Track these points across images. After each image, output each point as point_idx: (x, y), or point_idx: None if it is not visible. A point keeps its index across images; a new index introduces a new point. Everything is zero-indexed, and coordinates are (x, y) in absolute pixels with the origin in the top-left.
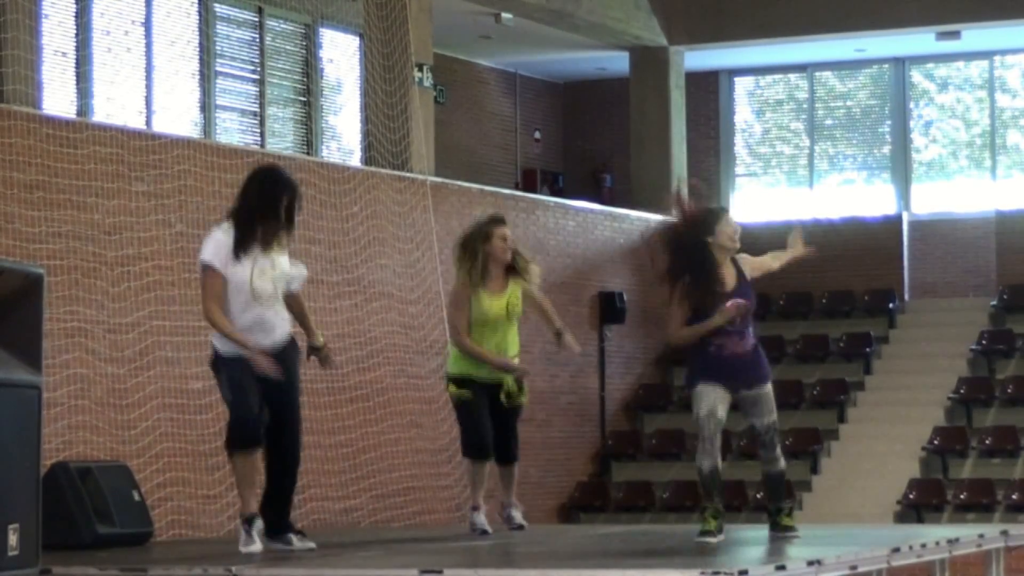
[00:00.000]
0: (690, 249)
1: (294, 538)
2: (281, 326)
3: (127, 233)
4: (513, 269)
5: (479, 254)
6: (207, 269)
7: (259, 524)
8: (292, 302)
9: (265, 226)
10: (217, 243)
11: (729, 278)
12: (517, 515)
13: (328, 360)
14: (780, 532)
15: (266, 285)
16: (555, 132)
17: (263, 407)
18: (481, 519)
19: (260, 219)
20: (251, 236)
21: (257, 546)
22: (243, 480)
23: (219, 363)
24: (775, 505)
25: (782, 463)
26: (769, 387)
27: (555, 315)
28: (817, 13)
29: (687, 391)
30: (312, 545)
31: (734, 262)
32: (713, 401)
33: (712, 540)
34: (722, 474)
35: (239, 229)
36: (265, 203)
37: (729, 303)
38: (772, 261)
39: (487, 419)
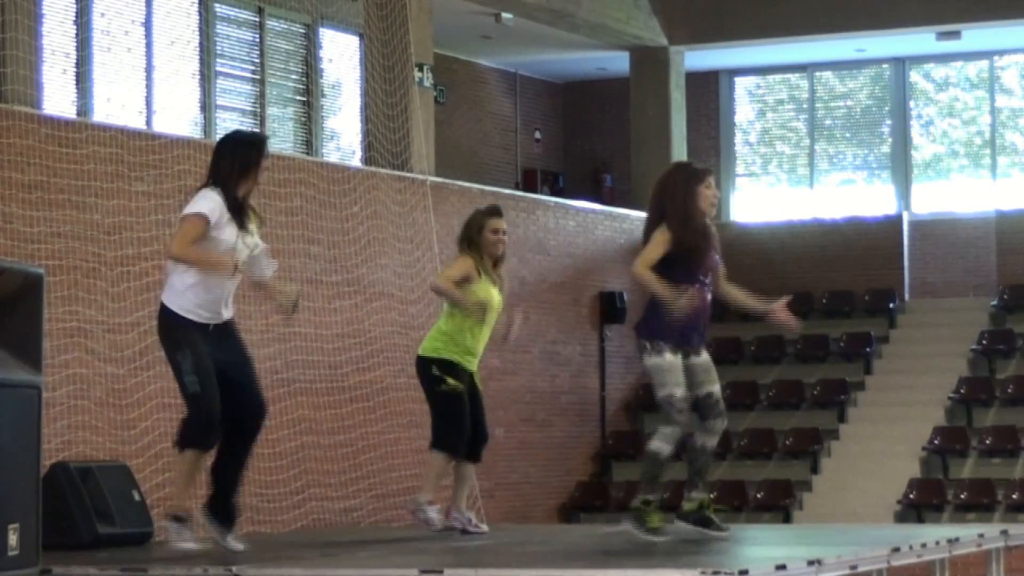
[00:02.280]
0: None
1: (230, 538)
2: (231, 303)
3: (127, 233)
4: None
5: (478, 246)
6: (197, 216)
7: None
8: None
9: (245, 190)
10: (212, 201)
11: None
12: (476, 520)
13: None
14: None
15: (243, 256)
16: (555, 132)
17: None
18: (436, 513)
19: (240, 184)
20: (236, 202)
21: (195, 544)
22: (190, 478)
23: (175, 329)
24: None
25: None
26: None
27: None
28: (817, 13)
29: (643, 346)
30: (241, 547)
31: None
32: (681, 375)
33: (661, 539)
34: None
35: (226, 195)
36: (244, 167)
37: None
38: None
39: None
